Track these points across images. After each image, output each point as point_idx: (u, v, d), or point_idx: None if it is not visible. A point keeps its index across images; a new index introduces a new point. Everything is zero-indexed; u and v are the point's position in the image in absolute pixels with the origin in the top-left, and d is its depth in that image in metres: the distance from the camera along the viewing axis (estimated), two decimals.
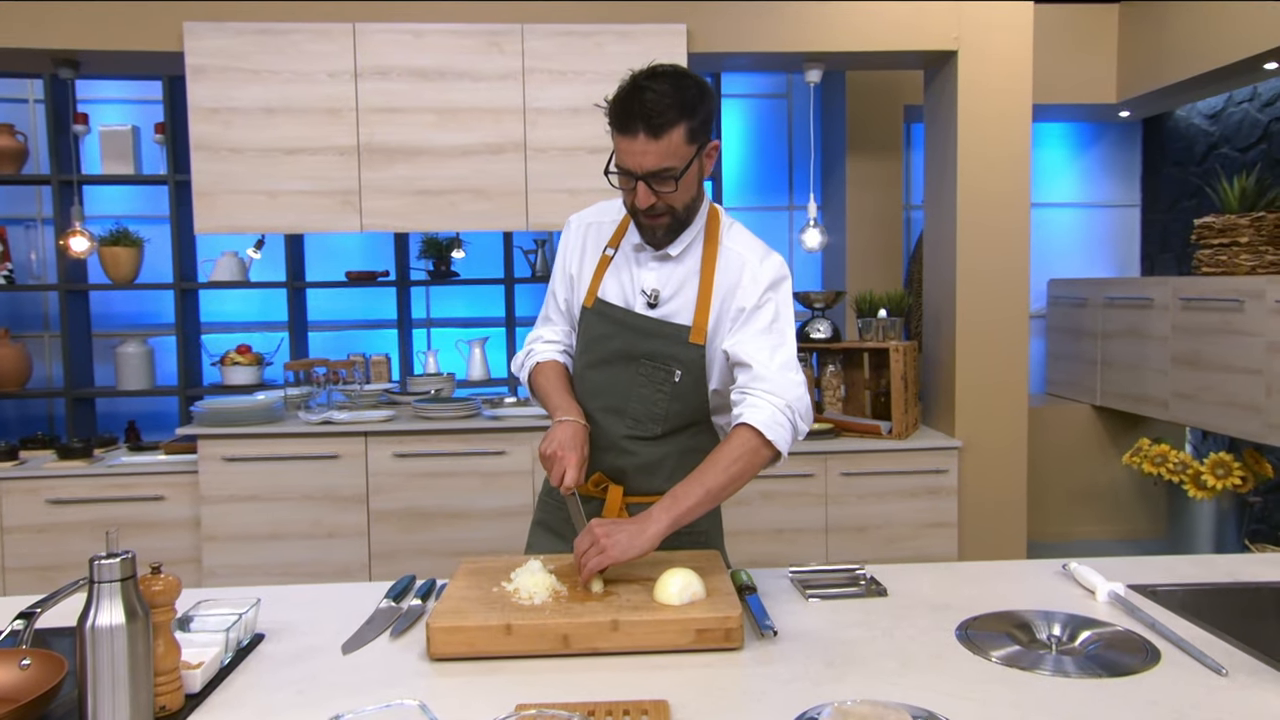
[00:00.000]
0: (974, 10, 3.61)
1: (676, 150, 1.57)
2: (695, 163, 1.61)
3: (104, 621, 1.10)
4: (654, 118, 1.54)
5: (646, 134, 1.55)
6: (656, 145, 1.55)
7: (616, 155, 1.62)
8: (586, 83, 3.54)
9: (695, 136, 1.59)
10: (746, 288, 1.69)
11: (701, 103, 1.59)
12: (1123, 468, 4.73)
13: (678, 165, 1.58)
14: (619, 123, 1.58)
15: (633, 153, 1.57)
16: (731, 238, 1.74)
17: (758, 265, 1.70)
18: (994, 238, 3.65)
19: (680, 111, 1.55)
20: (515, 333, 4.82)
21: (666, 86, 1.55)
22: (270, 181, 3.55)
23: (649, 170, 1.57)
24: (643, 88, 1.55)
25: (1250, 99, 4.50)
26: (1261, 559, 1.82)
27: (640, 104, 1.54)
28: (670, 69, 1.60)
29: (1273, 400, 3.53)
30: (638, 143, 1.56)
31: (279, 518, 3.52)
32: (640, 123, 1.54)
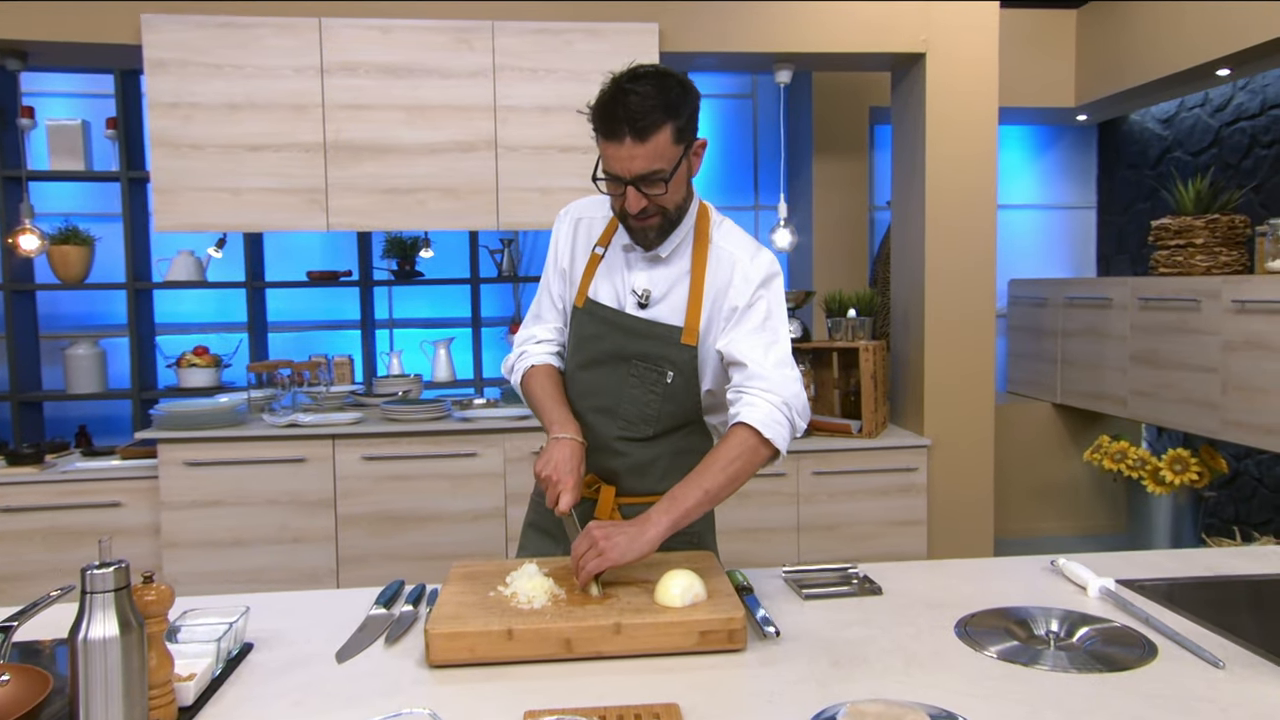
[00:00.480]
0: (941, 13, 3.65)
1: (664, 152, 1.55)
2: (683, 162, 1.60)
3: (97, 634, 1.05)
4: (639, 121, 1.51)
5: (633, 138, 1.52)
6: (643, 149, 1.53)
7: (603, 160, 1.58)
8: (558, 81, 3.52)
9: (682, 136, 1.57)
10: (738, 287, 1.67)
11: (685, 102, 1.57)
12: (1082, 464, 4.82)
13: (666, 167, 1.56)
14: (604, 128, 1.54)
15: (620, 158, 1.54)
16: (722, 235, 1.72)
17: (749, 263, 1.68)
18: (962, 238, 3.70)
19: (665, 112, 1.53)
20: (481, 334, 4.78)
21: (649, 88, 1.52)
22: (233, 179, 3.47)
23: (637, 174, 1.55)
24: (625, 90, 1.52)
25: (1202, 104, 4.62)
26: (1239, 552, 1.86)
27: (624, 108, 1.51)
28: (651, 69, 1.57)
29: (1228, 397, 3.62)
30: (624, 147, 1.53)
31: (243, 523, 3.44)
32: (625, 126, 1.51)
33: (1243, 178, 4.32)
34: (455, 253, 4.74)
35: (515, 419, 3.52)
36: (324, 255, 4.74)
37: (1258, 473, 4.34)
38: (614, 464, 1.74)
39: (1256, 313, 3.48)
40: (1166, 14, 4.13)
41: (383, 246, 4.56)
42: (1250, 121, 4.32)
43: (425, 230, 4.08)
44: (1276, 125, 4.18)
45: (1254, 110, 4.29)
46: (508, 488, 3.50)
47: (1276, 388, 3.40)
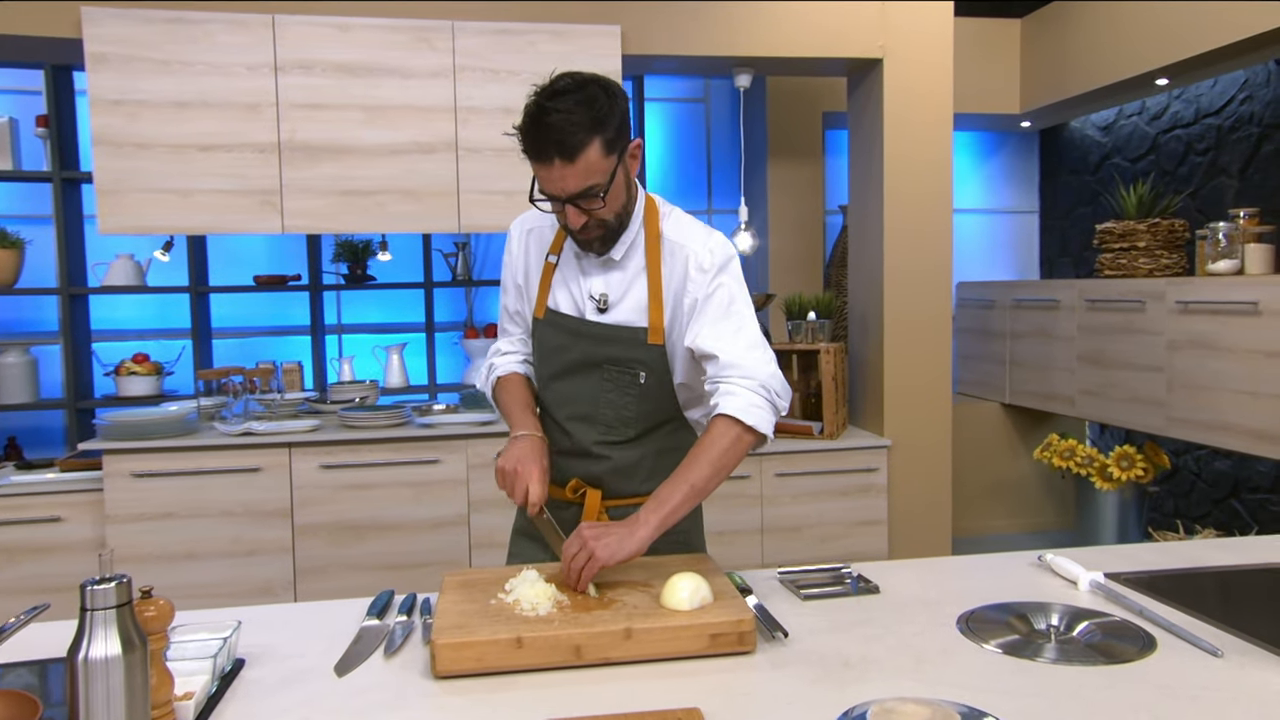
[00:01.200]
0: (898, 20, 3.71)
1: (595, 167, 1.51)
2: (619, 170, 1.56)
3: (98, 653, 1.00)
4: (565, 141, 1.47)
5: (561, 159, 1.48)
6: (574, 168, 1.49)
7: (538, 181, 1.55)
8: (520, 82, 3.48)
9: (613, 146, 1.53)
10: (695, 279, 1.65)
11: (612, 112, 1.52)
12: (1030, 463, 4.94)
13: (600, 181, 1.52)
14: (531, 151, 1.52)
15: (551, 179, 1.51)
16: (671, 228, 1.70)
17: (702, 252, 1.65)
18: (919, 241, 3.76)
19: (590, 128, 1.48)
20: (435, 338, 4.70)
21: (570, 103, 1.48)
22: (183, 180, 3.35)
23: (572, 193, 1.52)
24: (546, 110, 1.48)
25: (1139, 113, 4.77)
26: (1215, 544, 1.91)
27: (547, 129, 1.47)
28: (571, 81, 1.52)
29: (1174, 395, 3.74)
30: (554, 169, 1.50)
31: (195, 536, 3.32)
32: (552, 148, 1.48)
33: (1179, 184, 4.48)
34: (407, 257, 4.65)
35: (478, 424, 3.47)
36: (270, 259, 4.62)
37: (1196, 468, 4.49)
38: (598, 469, 1.73)
39: (1199, 313, 3.60)
40: (1108, 25, 4.26)
41: (333, 250, 4.46)
42: (1185, 130, 4.48)
43: (383, 233, 4.00)
44: (1210, 134, 4.34)
45: (1189, 119, 4.45)
46: (471, 494, 3.45)
47: (1219, 385, 3.53)
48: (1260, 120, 4.07)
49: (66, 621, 1.49)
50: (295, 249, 4.55)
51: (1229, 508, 4.31)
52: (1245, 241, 3.60)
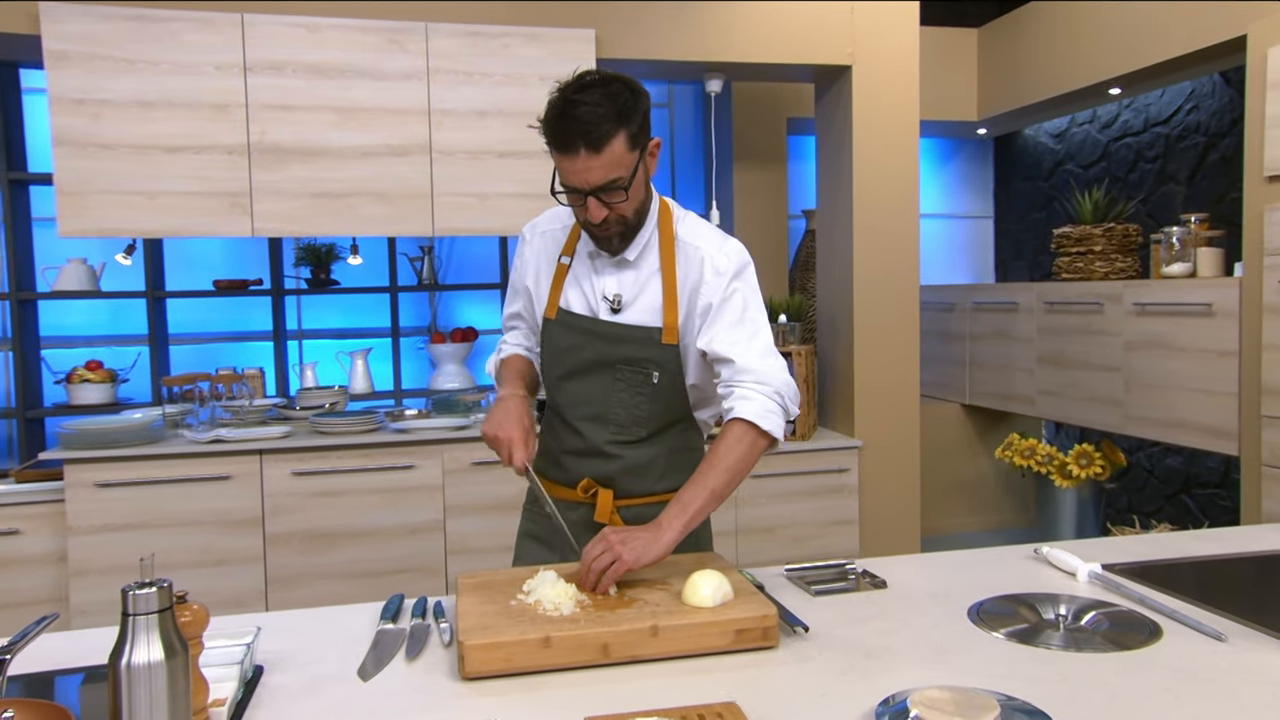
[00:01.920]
0: (865, 28, 3.77)
1: (620, 160, 1.53)
2: (640, 166, 1.58)
3: (140, 659, 0.97)
4: (591, 132, 1.49)
5: (587, 150, 1.50)
6: (599, 159, 1.51)
7: (560, 174, 1.57)
8: (494, 85, 3.46)
9: (636, 141, 1.55)
10: (710, 282, 1.67)
11: (636, 106, 1.55)
12: (989, 461, 5.05)
13: (624, 174, 1.55)
14: (556, 142, 1.53)
15: (576, 170, 1.53)
16: (686, 231, 1.72)
17: (718, 256, 1.68)
18: (887, 244, 3.82)
19: (617, 120, 1.51)
20: (400, 343, 4.65)
21: (597, 96, 1.50)
22: (148, 181, 3.27)
23: (596, 185, 1.53)
24: (574, 102, 1.50)
25: (1090, 121, 4.92)
26: (1198, 535, 1.98)
27: (575, 120, 1.49)
28: (597, 76, 1.55)
29: (1131, 394, 3.86)
30: (579, 160, 1.51)
31: (162, 546, 3.23)
32: (579, 139, 1.50)
33: (1130, 190, 4.63)
34: (370, 261, 4.59)
35: (452, 429, 3.44)
36: (228, 263, 4.52)
37: (1148, 465, 4.64)
38: (609, 468, 1.73)
39: (1156, 314, 3.73)
40: (1064, 35, 4.39)
41: (295, 254, 4.38)
42: (1135, 138, 4.63)
43: (353, 236, 3.93)
44: (1159, 142, 4.49)
45: (1139, 128, 4.61)
46: (446, 500, 3.41)
47: (1175, 384, 3.65)
48: (1206, 130, 4.23)
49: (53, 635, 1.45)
50: (253, 253, 4.46)
51: (1180, 503, 4.46)
52: (1197, 245, 3.73)
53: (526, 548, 1.85)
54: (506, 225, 3.54)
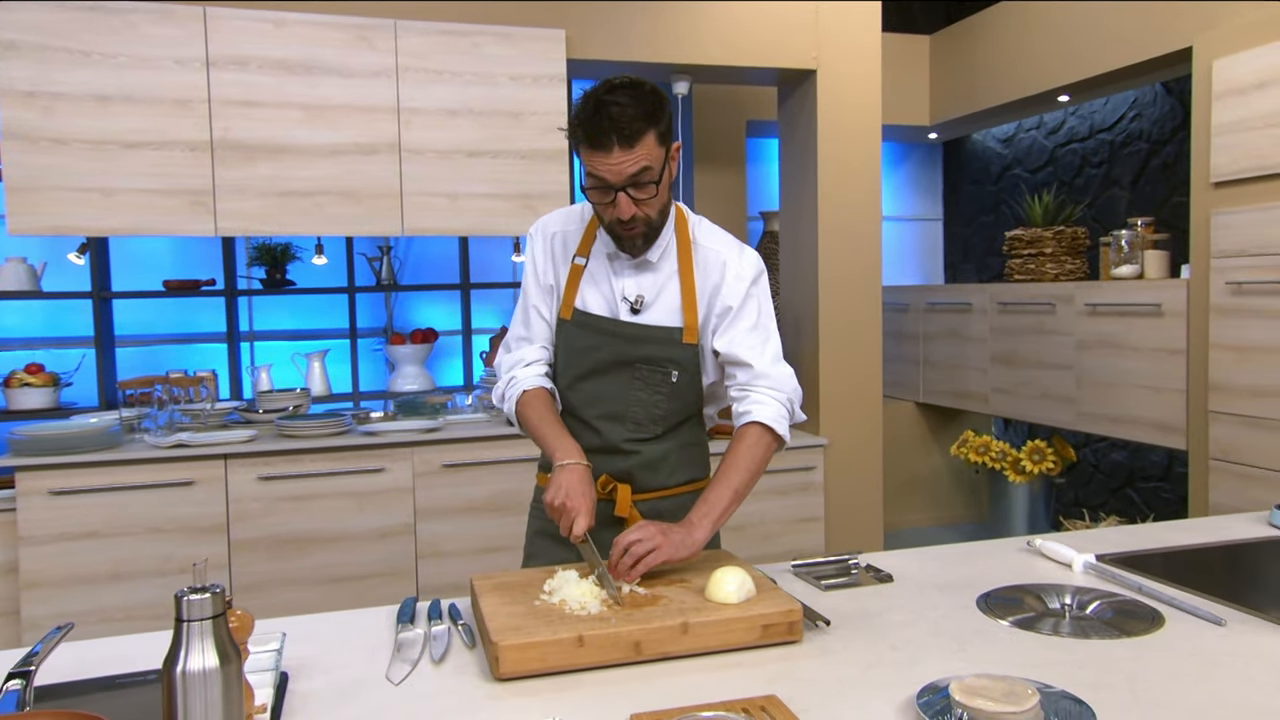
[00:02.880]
0: (830, 32, 3.83)
1: (651, 152, 1.58)
2: (666, 165, 1.63)
3: (196, 665, 0.95)
4: (624, 128, 1.54)
5: (620, 146, 1.55)
6: (633, 154, 1.56)
7: (591, 170, 1.60)
8: (464, 84, 3.43)
9: (664, 139, 1.61)
10: (731, 285, 1.72)
11: (662, 108, 1.60)
12: (941, 458, 5.17)
13: (655, 166, 1.59)
14: (591, 140, 1.56)
15: (610, 164, 1.56)
16: (704, 235, 1.77)
17: (738, 262, 1.74)
18: (852, 245, 3.89)
19: (647, 119, 1.56)
20: (358, 344, 4.57)
21: (627, 98, 1.55)
22: (105, 178, 3.17)
23: (629, 176, 1.57)
24: (606, 102, 1.54)
25: (1037, 127, 5.08)
26: (1174, 526, 2.07)
27: (608, 118, 1.53)
28: (624, 80, 1.59)
29: (1083, 392, 4.00)
30: (614, 155, 1.55)
31: (121, 556, 3.13)
32: (613, 136, 1.54)
33: (1076, 194, 4.79)
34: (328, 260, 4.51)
35: (423, 431, 3.40)
36: (175, 264, 4.39)
37: (1095, 460, 4.80)
38: (627, 464, 1.77)
39: (1106, 314, 3.86)
40: (1014, 44, 4.52)
41: (249, 254, 4.28)
42: (1081, 144, 4.79)
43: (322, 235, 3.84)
44: (1104, 148, 4.66)
45: (1084, 134, 4.77)
46: (417, 503, 3.37)
47: (1125, 382, 3.79)
48: (1149, 137, 4.40)
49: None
50: (202, 253, 4.34)
51: (1125, 496, 4.63)
52: (1144, 248, 3.88)
53: (541, 545, 1.85)
54: (476, 225, 3.51)
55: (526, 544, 1.90)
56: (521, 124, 3.50)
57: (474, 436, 3.39)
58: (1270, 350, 3.15)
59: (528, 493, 3.46)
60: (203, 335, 4.48)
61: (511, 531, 3.46)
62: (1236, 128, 3.26)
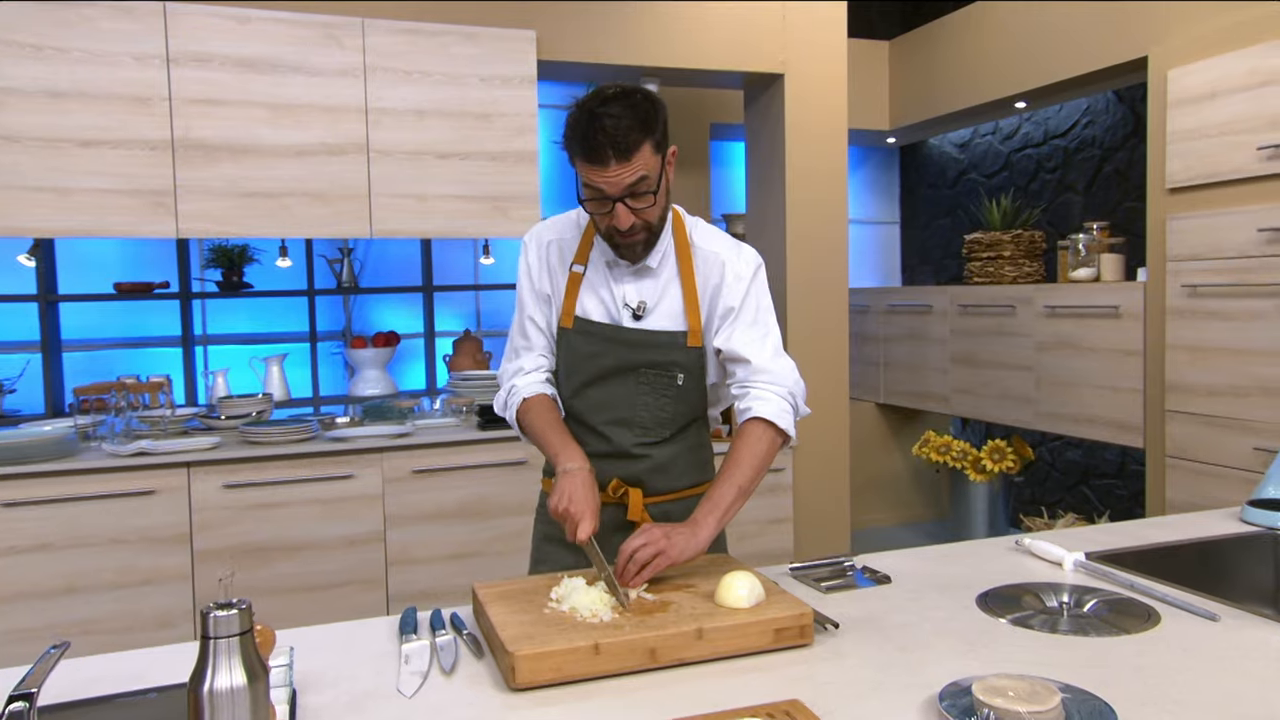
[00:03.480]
0: (798, 34, 3.87)
1: (647, 162, 1.57)
2: (663, 173, 1.63)
3: (223, 683, 0.92)
4: (619, 141, 1.53)
5: (617, 159, 1.54)
6: (629, 166, 1.55)
7: (587, 182, 1.59)
8: (434, 84, 3.39)
9: (659, 148, 1.60)
10: (731, 286, 1.73)
11: (657, 116, 1.60)
12: (901, 457, 5.24)
13: (652, 175, 1.59)
14: (586, 154, 1.55)
15: (607, 178, 1.56)
16: (701, 237, 1.78)
17: (737, 261, 1.75)
18: (818, 249, 3.93)
19: (642, 130, 1.55)
20: (318, 348, 4.48)
21: (620, 109, 1.54)
22: (59, 177, 3.06)
23: (627, 186, 1.56)
24: (598, 115, 1.53)
25: (993, 132, 5.18)
26: (1152, 523, 2.12)
27: (603, 131, 1.52)
28: (616, 90, 1.59)
29: (1042, 392, 4.09)
30: (610, 169, 1.55)
31: (77, 568, 3.02)
32: (609, 149, 1.53)
33: (1031, 198, 4.89)
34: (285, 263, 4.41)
35: (392, 437, 3.35)
36: (124, 266, 4.25)
37: (1050, 458, 4.91)
38: (637, 468, 1.76)
39: (1065, 316, 3.95)
40: (973, 51, 4.61)
41: (204, 256, 4.17)
42: (1036, 150, 4.90)
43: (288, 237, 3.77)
44: (1058, 154, 4.77)
45: (1039, 140, 4.88)
46: (387, 510, 3.32)
47: (1083, 382, 3.88)
48: (1101, 144, 4.51)
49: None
50: (153, 255, 4.20)
51: (1080, 493, 4.74)
52: (1100, 251, 3.98)
53: (548, 551, 1.85)
54: (446, 228, 3.47)
55: (533, 549, 1.90)
56: (491, 125, 3.47)
57: (445, 441, 3.35)
58: (1225, 351, 3.26)
59: (500, 498, 3.44)
60: (154, 339, 4.35)
61: (483, 537, 3.42)
62: (1191, 135, 3.36)
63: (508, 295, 4.53)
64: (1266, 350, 3.12)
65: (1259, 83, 3.11)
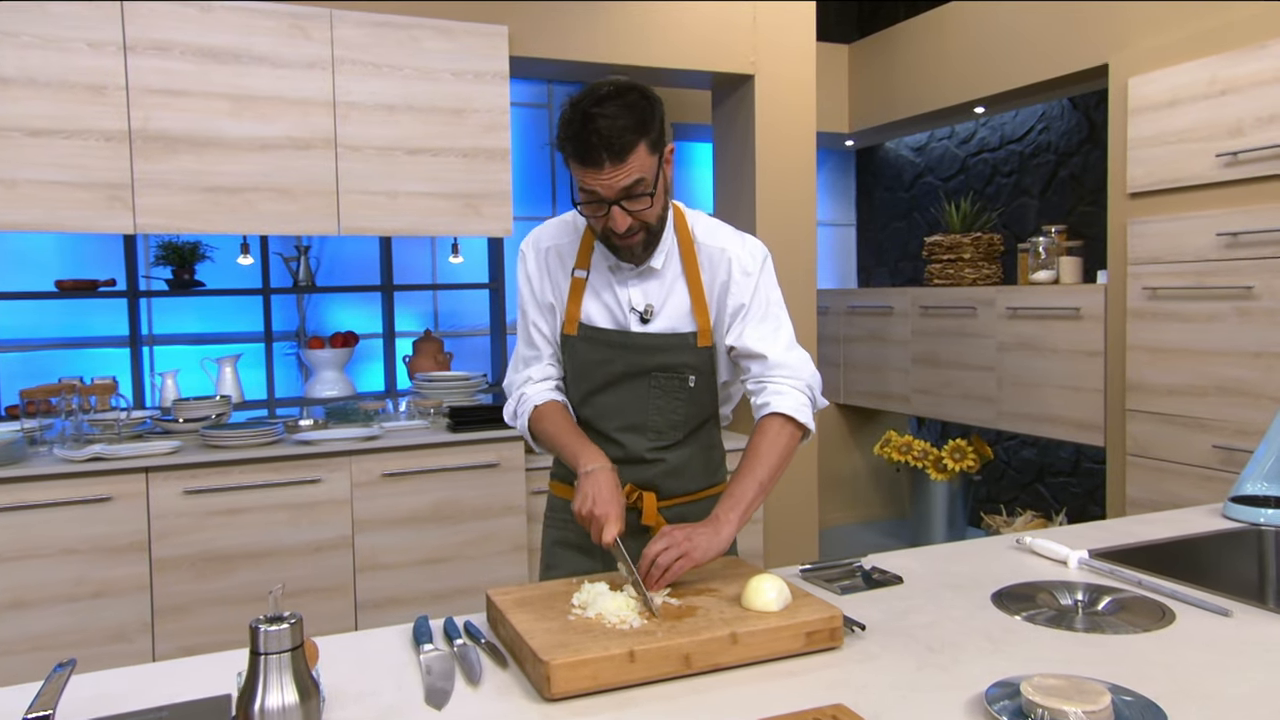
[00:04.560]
0: (767, 35, 3.87)
1: (643, 164, 1.53)
2: (660, 172, 1.59)
3: (275, 702, 0.88)
4: (614, 143, 1.48)
5: (611, 161, 1.50)
6: (625, 167, 1.51)
7: (581, 184, 1.55)
8: (404, 79, 3.31)
9: (655, 147, 1.56)
10: (739, 282, 1.70)
11: (653, 114, 1.55)
12: (861, 457, 5.29)
13: (649, 178, 1.55)
14: (579, 156, 1.51)
15: (601, 181, 1.52)
16: (704, 232, 1.74)
17: (743, 255, 1.71)
18: (788, 251, 3.93)
19: (637, 130, 1.51)
20: (274, 348, 4.34)
21: (615, 108, 1.49)
22: (6, 168, 2.91)
23: (622, 188, 1.52)
24: (592, 115, 1.48)
25: (949, 136, 5.26)
26: (1140, 520, 2.15)
27: (596, 134, 1.48)
28: (612, 88, 1.54)
29: (1003, 392, 4.16)
30: (604, 171, 1.51)
31: (24, 581, 2.88)
32: (602, 152, 1.49)
33: (987, 202, 4.98)
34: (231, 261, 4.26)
35: (360, 440, 3.26)
36: (64, 262, 4.07)
37: (1006, 457, 5.01)
38: (651, 473, 1.73)
39: (1026, 318, 4.03)
40: (933, 56, 4.67)
41: (154, 253, 4.01)
42: (992, 154, 4.99)
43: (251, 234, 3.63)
44: (1013, 158, 4.86)
45: (995, 144, 4.97)
46: (355, 514, 3.22)
47: (1045, 382, 3.96)
48: (1056, 149, 4.62)
49: None
50: (96, 251, 4.03)
51: (1035, 491, 4.84)
52: (1059, 254, 4.06)
53: (561, 555, 1.80)
54: (417, 225, 3.39)
55: (544, 554, 1.85)
56: (463, 121, 3.40)
57: (415, 444, 3.27)
58: (1184, 352, 3.35)
59: (472, 501, 3.37)
60: (96, 339, 4.16)
61: (455, 541, 3.35)
62: (1151, 142, 3.44)
63: (468, 295, 4.45)
64: (1225, 351, 3.21)
65: (1218, 91, 3.21)
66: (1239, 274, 3.15)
